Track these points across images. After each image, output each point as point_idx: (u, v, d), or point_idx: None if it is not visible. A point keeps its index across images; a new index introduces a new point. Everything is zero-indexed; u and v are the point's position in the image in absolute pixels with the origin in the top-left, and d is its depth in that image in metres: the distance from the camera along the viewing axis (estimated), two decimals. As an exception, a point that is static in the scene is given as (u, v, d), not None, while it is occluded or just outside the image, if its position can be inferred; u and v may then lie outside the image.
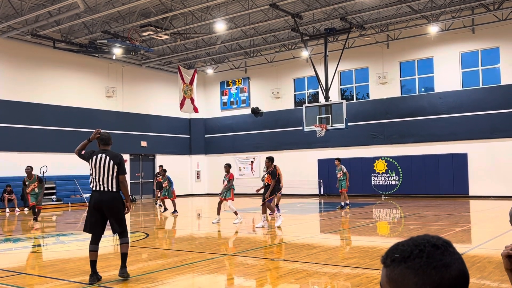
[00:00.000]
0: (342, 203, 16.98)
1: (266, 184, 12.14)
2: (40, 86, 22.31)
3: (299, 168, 25.39)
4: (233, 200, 13.26)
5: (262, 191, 12.42)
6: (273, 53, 25.55)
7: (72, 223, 15.29)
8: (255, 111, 27.31)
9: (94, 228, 6.21)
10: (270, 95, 27.36)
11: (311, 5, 19.09)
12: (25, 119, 21.48)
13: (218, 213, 13.27)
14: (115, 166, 6.24)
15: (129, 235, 6.58)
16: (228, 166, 13.53)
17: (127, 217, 6.37)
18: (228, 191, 13.24)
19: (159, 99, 27.75)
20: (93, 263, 6.14)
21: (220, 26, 20.48)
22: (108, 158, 6.27)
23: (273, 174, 12.01)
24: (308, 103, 24.65)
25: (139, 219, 16.05)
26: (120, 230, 6.30)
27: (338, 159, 17.55)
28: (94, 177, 6.25)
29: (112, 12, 18.60)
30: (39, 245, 10.72)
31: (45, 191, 21.21)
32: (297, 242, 9.69)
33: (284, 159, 25.83)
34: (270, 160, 12.45)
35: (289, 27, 21.33)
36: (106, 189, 6.20)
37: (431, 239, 1.17)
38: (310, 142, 24.38)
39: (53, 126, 22.56)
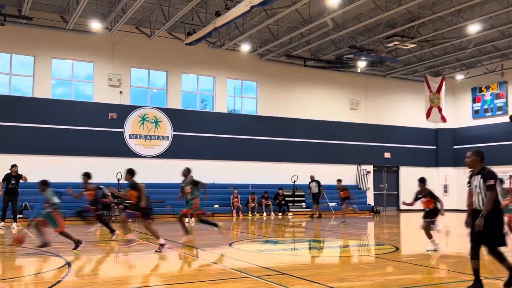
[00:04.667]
0: None
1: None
2: (292, 102, 24.34)
3: None
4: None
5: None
6: (538, 52, 22.31)
7: (320, 230, 16.05)
8: (515, 119, 24.22)
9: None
10: (534, 100, 23.91)
11: None
12: (279, 133, 23.71)
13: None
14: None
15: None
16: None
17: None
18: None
19: (403, 109, 27.19)
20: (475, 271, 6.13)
21: (473, 29, 18.93)
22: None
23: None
24: None
25: (383, 231, 15.91)
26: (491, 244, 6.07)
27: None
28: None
29: (358, 27, 19.08)
30: (295, 249, 11.60)
31: (296, 199, 23.07)
32: None
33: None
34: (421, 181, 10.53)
35: (559, 21, 18.32)
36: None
37: None
38: None
39: (303, 138, 24.29)
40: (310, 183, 21.26)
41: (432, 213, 10.51)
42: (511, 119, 24.34)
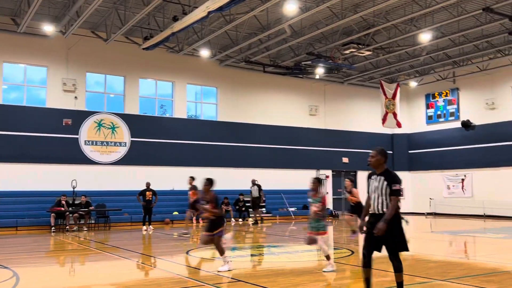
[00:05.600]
0: None
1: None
2: (252, 107, 24.42)
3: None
4: (327, 234, 8.75)
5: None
6: (487, 60, 23.25)
7: (279, 235, 16.18)
8: (466, 124, 25.14)
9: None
10: (484, 106, 24.91)
11: (534, 3, 16.85)
12: (240, 138, 23.71)
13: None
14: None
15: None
16: (317, 181, 8.48)
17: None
18: (322, 223, 8.36)
19: (360, 115, 27.75)
20: None
21: (426, 37, 19.56)
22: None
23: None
24: (531, 113, 21.64)
25: (341, 236, 16.14)
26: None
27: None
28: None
29: (316, 34, 19.37)
30: (253, 255, 11.59)
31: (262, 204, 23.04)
32: (524, 274, 8.50)
33: (502, 177, 23.14)
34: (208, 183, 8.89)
35: (505, 31, 19.19)
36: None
37: None
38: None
39: (263, 144, 24.38)
40: (251, 187, 21.34)
41: (219, 223, 8.47)
42: (463, 124, 25.26)
